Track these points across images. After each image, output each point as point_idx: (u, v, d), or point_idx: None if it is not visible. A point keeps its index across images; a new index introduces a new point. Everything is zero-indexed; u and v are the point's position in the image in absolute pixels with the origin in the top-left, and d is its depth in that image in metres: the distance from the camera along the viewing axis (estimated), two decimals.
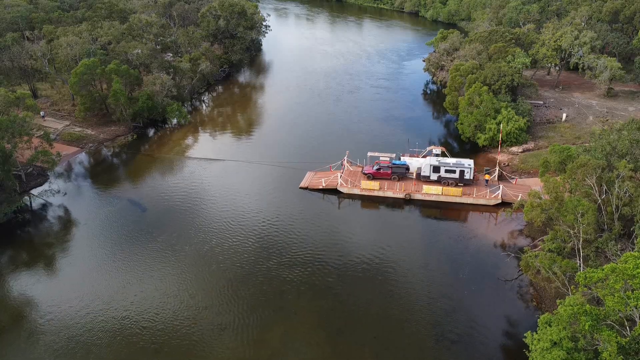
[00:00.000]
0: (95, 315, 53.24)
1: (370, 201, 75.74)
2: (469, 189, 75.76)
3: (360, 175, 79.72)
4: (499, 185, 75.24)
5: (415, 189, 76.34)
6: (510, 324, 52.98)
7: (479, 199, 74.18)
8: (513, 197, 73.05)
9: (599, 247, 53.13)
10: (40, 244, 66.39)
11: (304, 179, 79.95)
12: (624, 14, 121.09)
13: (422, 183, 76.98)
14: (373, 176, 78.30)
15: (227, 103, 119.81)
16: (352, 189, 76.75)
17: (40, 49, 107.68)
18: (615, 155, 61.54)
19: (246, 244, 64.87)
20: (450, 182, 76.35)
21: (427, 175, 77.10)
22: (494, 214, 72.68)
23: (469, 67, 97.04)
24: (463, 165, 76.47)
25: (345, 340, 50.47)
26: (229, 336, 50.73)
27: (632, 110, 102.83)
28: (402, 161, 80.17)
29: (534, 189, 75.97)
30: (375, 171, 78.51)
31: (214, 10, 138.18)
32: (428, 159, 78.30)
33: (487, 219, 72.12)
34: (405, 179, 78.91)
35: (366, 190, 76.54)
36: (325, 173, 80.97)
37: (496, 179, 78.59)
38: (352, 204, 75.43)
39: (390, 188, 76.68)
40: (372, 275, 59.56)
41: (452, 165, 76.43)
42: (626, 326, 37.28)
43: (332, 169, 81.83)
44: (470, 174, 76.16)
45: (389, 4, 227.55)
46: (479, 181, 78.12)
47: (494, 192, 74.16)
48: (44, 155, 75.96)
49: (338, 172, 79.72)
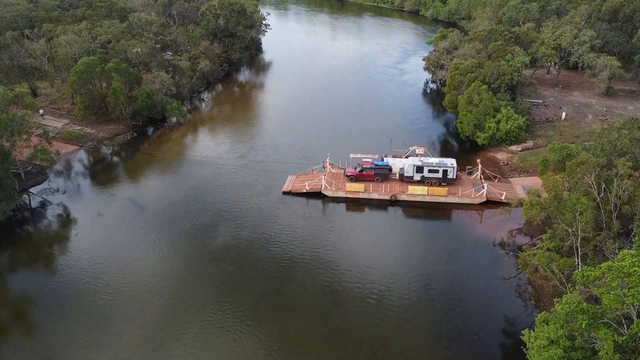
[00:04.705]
0: (95, 314, 53.25)
1: (355, 203, 75.02)
2: (453, 188, 75.80)
3: (344, 178, 78.60)
4: (483, 184, 75.43)
5: (401, 190, 76.05)
6: (509, 321, 53.00)
7: (464, 198, 74.33)
8: (497, 196, 73.45)
9: (597, 245, 53.09)
10: (39, 243, 66.44)
11: (286, 183, 78.57)
12: (623, 12, 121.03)
13: (407, 184, 76.63)
14: (356, 178, 77.39)
15: (226, 102, 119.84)
16: (336, 192, 75.85)
17: (39, 47, 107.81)
18: (615, 153, 61.51)
19: (245, 245, 64.97)
20: (434, 181, 76.28)
21: (410, 176, 76.83)
22: (484, 212, 72.72)
23: (469, 66, 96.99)
24: (446, 165, 76.41)
25: (343, 339, 50.53)
26: (227, 335, 50.83)
27: (632, 109, 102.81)
28: (385, 162, 79.61)
29: (516, 186, 76.50)
30: (357, 173, 77.52)
31: (213, 9, 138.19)
32: (411, 160, 78.01)
33: (481, 218, 72.06)
34: (388, 180, 78.37)
35: (351, 193, 75.66)
36: (308, 176, 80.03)
37: (480, 177, 78.52)
38: (340, 207, 74.59)
39: (376, 190, 76.04)
40: (370, 275, 59.56)
41: (435, 165, 76.28)
42: (623, 324, 37.27)
43: (313, 172, 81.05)
44: (453, 173, 76.23)
45: (389, 2, 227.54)
46: (461, 180, 78.23)
47: (478, 191, 74.39)
48: (43, 153, 76.01)
49: (321, 175, 78.48)
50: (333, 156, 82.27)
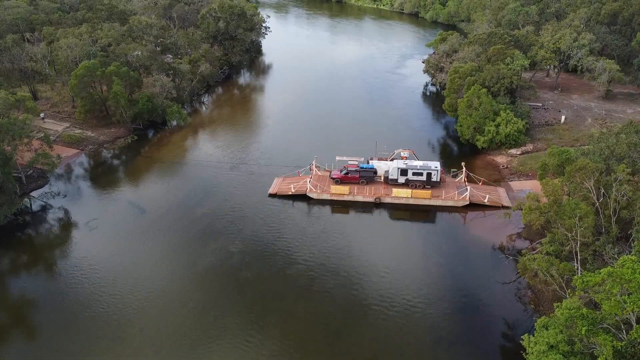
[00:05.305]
0: (96, 318, 53.40)
1: (340, 206, 75.35)
2: (437, 191, 76.29)
3: (329, 180, 79.11)
4: (466, 187, 75.79)
5: (385, 192, 76.51)
6: (508, 326, 53.22)
7: (447, 200, 74.76)
8: (480, 198, 74.00)
9: (596, 250, 53.37)
10: (40, 246, 66.62)
11: (273, 185, 79.03)
12: (622, 16, 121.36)
13: (391, 186, 77.19)
14: (341, 180, 77.93)
15: (226, 104, 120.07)
16: (321, 194, 76.24)
17: (40, 50, 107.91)
18: (614, 158, 61.79)
19: (245, 247, 65.17)
20: (418, 184, 76.73)
21: (395, 179, 77.36)
22: (467, 215, 73.37)
23: (468, 69, 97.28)
24: (430, 168, 76.92)
25: (343, 342, 50.74)
26: (227, 337, 51.02)
27: (631, 112, 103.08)
28: (370, 165, 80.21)
29: (499, 189, 76.84)
30: (343, 175, 78.16)
31: (213, 12, 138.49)
32: (395, 162, 78.56)
33: (481, 221, 72.20)
34: (373, 182, 78.86)
35: (336, 195, 76.12)
36: (294, 178, 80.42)
37: (464, 180, 78.88)
38: (326, 210, 74.64)
39: (360, 192, 76.56)
40: (369, 278, 59.81)
41: (420, 168, 76.86)
42: (622, 330, 37.50)
43: (300, 174, 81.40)
44: (437, 176, 76.75)
45: (389, 4, 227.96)
46: (445, 183, 78.66)
47: (461, 194, 74.81)
48: (44, 157, 76.16)
49: (307, 177, 79.00)
50: (322, 159, 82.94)
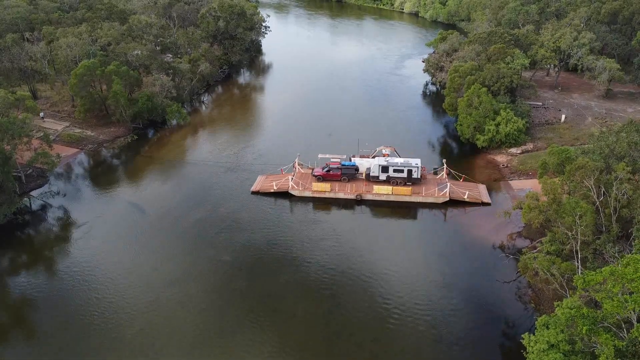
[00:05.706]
0: (95, 318, 53.35)
1: (322, 203, 75.55)
2: (418, 187, 76.72)
3: (312, 178, 79.49)
4: (446, 183, 76.06)
5: (366, 189, 76.97)
6: (509, 325, 53.16)
7: (427, 197, 75.18)
8: (460, 195, 74.51)
9: (597, 249, 53.24)
10: (39, 246, 66.55)
11: (255, 183, 79.38)
12: (622, 15, 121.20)
13: (372, 183, 77.69)
14: (323, 178, 78.39)
15: (226, 104, 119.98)
16: (303, 192, 76.59)
17: (40, 50, 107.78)
18: (614, 157, 61.69)
19: (246, 248, 65.10)
20: (399, 181, 77.18)
21: (376, 176, 77.77)
22: (447, 211, 73.65)
23: (468, 68, 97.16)
24: (411, 165, 77.39)
25: (343, 343, 50.65)
26: (227, 337, 50.95)
27: (631, 111, 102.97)
28: (352, 162, 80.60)
29: (479, 186, 76.95)
30: (325, 173, 78.62)
31: (213, 11, 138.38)
32: (377, 160, 78.89)
33: (481, 220, 72.10)
34: (355, 179, 79.31)
35: (317, 192, 76.48)
36: (277, 176, 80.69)
37: (445, 177, 79.15)
38: (315, 206, 74.81)
39: (342, 189, 76.96)
40: (368, 278, 59.69)
41: (400, 165, 77.30)
42: (623, 328, 37.39)
43: (282, 172, 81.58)
44: (417, 172, 77.28)
45: (389, 4, 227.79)
46: (426, 179, 79.13)
47: (441, 190, 75.10)
48: (43, 156, 76.10)
49: (290, 175, 79.34)
50: (304, 157, 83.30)
